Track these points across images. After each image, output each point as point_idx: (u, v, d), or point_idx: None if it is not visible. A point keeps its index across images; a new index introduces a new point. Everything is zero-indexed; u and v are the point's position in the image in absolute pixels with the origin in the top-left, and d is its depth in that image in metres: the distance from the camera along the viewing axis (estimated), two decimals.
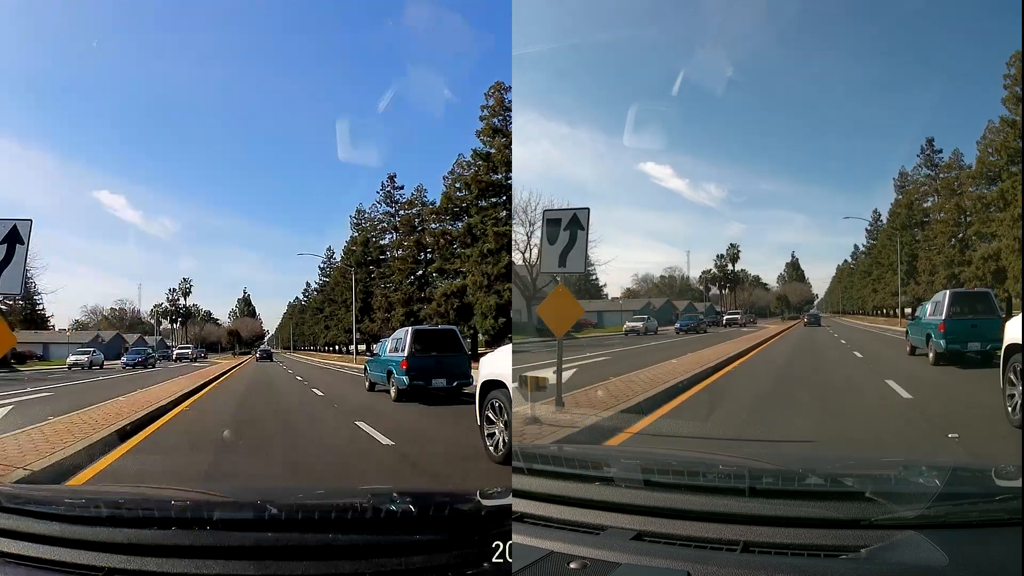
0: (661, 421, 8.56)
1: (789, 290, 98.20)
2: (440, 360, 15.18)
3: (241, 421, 12.64)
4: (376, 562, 1.88)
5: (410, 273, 50.21)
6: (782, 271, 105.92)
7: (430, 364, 14.98)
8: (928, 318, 16.68)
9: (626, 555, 1.88)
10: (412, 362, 14.88)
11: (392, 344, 16.60)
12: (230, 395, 19.00)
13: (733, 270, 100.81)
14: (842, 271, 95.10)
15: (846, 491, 2.06)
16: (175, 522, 1.99)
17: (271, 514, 2.06)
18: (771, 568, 1.75)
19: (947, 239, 50.23)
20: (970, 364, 14.70)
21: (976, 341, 14.81)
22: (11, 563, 1.95)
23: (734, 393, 11.87)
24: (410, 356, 14.97)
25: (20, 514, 2.10)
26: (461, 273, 41.71)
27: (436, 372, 14.88)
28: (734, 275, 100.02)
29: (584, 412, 8.40)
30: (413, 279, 50.17)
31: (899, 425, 8.24)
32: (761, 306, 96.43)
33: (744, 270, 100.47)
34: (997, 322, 14.64)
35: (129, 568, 1.88)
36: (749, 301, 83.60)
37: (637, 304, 78.62)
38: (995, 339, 13.57)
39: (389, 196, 54.61)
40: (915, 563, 1.71)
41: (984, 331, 14.73)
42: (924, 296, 23.31)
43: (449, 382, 14.90)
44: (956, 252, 48.47)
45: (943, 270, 48.98)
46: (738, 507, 2.00)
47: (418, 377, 14.73)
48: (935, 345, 15.46)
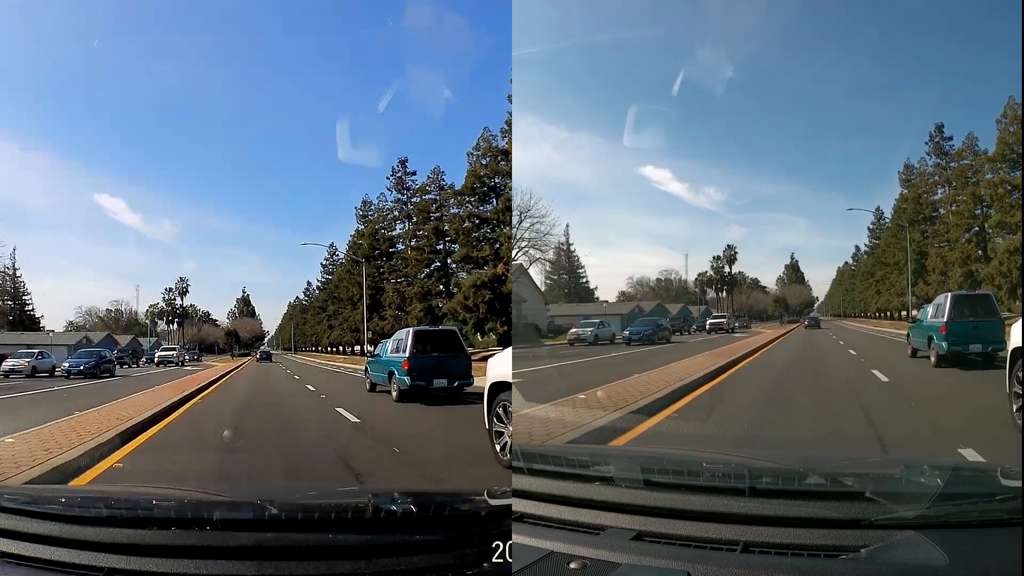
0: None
1: (788, 292, 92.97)
2: (441, 361, 15.41)
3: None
4: (376, 562, 1.88)
5: (427, 264, 46.81)
6: (781, 273, 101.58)
7: (431, 364, 15.20)
8: (929, 321, 16.78)
9: (626, 555, 1.88)
10: (414, 362, 15.10)
11: (393, 345, 16.82)
12: (226, 404, 16.49)
13: (730, 272, 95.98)
14: (843, 273, 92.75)
15: (846, 491, 2.06)
16: (175, 522, 1.99)
17: (271, 514, 2.07)
18: (771, 568, 1.75)
19: (961, 232, 45.90)
20: (972, 366, 14.71)
21: (978, 343, 15.02)
22: (11, 563, 1.95)
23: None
24: (412, 356, 15.18)
25: (20, 514, 2.09)
26: (491, 260, 38.29)
27: (437, 372, 15.08)
28: (731, 277, 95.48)
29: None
30: (431, 271, 46.68)
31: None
32: (759, 309, 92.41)
33: (742, 272, 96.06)
34: (998, 324, 15.27)
35: (129, 568, 1.88)
36: (747, 304, 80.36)
37: (626, 308, 75.63)
38: (996, 341, 14.58)
39: (400, 183, 51.41)
40: (915, 563, 1.70)
41: (985, 333, 14.99)
42: (934, 297, 22.60)
43: (450, 382, 15.10)
44: (972, 247, 44.51)
45: (958, 267, 44.93)
46: (738, 507, 1.99)
47: (419, 377, 14.95)
48: (937, 347, 15.58)
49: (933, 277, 48.22)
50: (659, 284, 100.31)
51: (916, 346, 18.07)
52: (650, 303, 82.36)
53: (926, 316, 17.42)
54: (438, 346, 15.86)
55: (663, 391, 10.49)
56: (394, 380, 15.58)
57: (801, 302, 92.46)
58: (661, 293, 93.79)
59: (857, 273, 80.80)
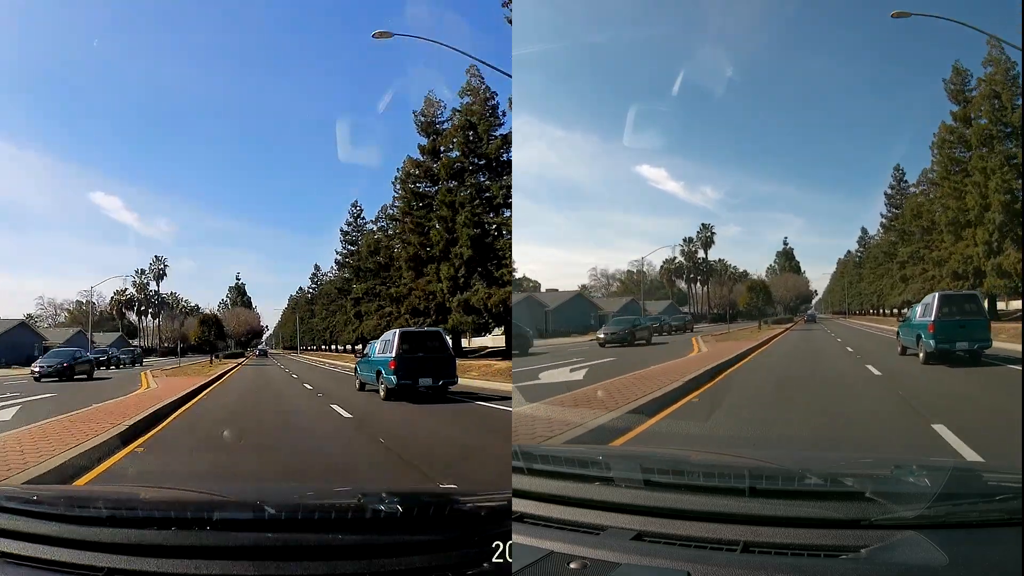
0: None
1: (779, 284, 68.72)
2: (426, 360, 15.95)
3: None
4: (376, 562, 1.88)
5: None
6: (772, 262, 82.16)
7: (416, 364, 15.76)
8: (918, 319, 17.36)
9: (626, 555, 1.88)
10: (400, 362, 15.64)
11: (381, 346, 17.32)
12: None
13: (706, 258, 77.55)
14: (845, 264, 79.56)
15: (846, 491, 2.06)
16: (175, 522, 1.99)
17: (270, 514, 2.06)
18: (771, 568, 1.75)
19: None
20: (958, 363, 15.23)
21: (964, 341, 15.60)
22: (11, 563, 1.95)
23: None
24: (398, 356, 15.73)
25: (20, 514, 2.09)
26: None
27: (422, 371, 15.68)
28: (707, 265, 77.70)
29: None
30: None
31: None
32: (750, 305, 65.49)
33: (723, 260, 78.10)
34: (984, 322, 16.12)
35: (129, 568, 1.88)
36: (728, 298, 61.32)
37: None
38: (982, 339, 15.69)
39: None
40: (915, 563, 1.71)
41: (972, 331, 15.69)
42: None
43: (435, 381, 15.70)
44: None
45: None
46: (738, 507, 1.99)
47: (405, 376, 15.50)
48: (925, 345, 16.23)
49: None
50: (629, 276, 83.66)
51: (905, 344, 18.85)
52: (619, 299, 70.95)
53: (915, 315, 18.04)
54: (423, 347, 16.32)
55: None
56: (382, 379, 16.13)
57: (796, 295, 72.17)
58: (632, 287, 78.42)
59: (865, 261, 68.77)
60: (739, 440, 7.45)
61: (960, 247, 38.76)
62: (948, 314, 16.06)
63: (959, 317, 15.99)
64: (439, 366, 15.98)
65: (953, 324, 15.80)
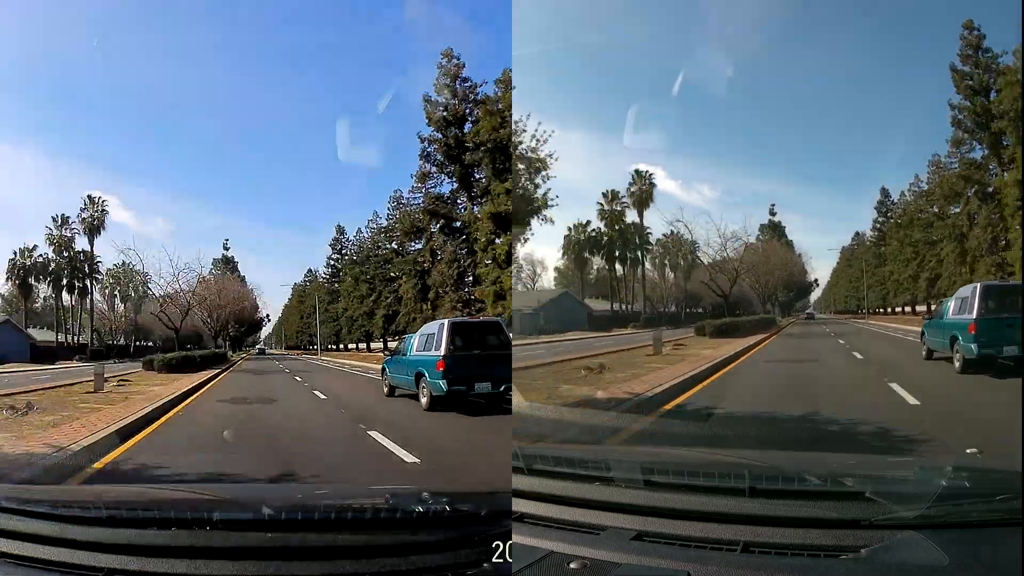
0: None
1: (762, 260, 42.19)
2: (484, 359, 12.60)
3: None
4: (377, 562, 1.88)
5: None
6: (755, 237, 51.31)
7: (473, 364, 12.44)
8: (952, 317, 13.82)
9: (626, 555, 1.88)
10: (450, 362, 12.34)
11: (421, 341, 13.87)
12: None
13: (641, 223, 48.57)
14: (849, 253, 61.93)
15: (846, 491, 2.06)
16: (175, 522, 1.98)
17: (271, 514, 2.06)
18: (771, 568, 1.74)
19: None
20: (1005, 373, 11.79)
21: (1013, 344, 12.15)
22: (11, 563, 1.95)
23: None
24: (447, 355, 12.41)
25: (20, 514, 2.09)
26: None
27: (480, 375, 12.29)
28: (643, 235, 48.79)
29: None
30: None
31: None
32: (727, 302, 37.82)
33: (676, 232, 46.93)
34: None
35: (129, 568, 1.88)
36: (685, 290, 43.90)
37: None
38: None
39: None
40: (915, 563, 1.70)
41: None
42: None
43: (495, 386, 12.22)
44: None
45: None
46: (738, 507, 1.99)
47: (458, 381, 12.22)
48: (963, 350, 12.79)
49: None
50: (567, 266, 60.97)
51: (932, 347, 15.20)
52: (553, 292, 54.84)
53: (947, 311, 14.45)
54: (479, 342, 12.99)
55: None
56: (424, 384, 12.77)
57: (788, 282, 47.62)
58: (569, 275, 61.00)
59: (877, 250, 52.88)
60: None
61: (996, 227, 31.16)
62: (993, 310, 12.58)
63: (1007, 315, 12.33)
64: (499, 367, 12.32)
65: (999, 323, 12.30)
